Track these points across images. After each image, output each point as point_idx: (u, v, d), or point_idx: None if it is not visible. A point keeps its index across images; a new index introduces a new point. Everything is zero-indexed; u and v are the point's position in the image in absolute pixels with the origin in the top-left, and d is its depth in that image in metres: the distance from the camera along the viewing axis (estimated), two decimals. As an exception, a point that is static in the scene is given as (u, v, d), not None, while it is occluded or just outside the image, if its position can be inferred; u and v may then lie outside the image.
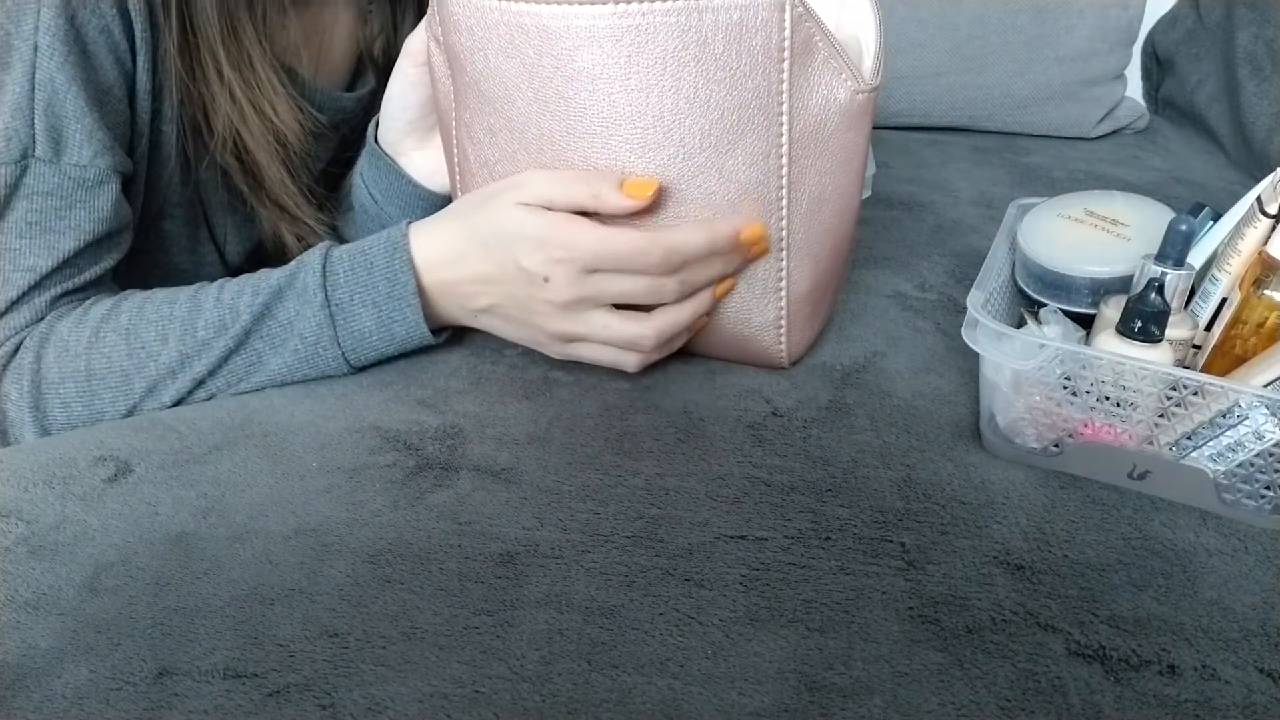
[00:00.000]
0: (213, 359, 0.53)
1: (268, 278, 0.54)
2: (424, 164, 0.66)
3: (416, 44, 0.59)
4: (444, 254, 0.53)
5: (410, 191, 0.67)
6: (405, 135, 0.65)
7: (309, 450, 0.50)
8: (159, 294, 0.55)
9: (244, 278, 0.55)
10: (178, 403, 0.54)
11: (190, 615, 0.39)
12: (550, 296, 0.51)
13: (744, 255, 0.52)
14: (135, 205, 0.60)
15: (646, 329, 0.53)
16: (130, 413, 0.54)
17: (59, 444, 0.51)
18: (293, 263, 0.54)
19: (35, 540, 0.44)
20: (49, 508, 0.46)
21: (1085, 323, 0.54)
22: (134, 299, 0.55)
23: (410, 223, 0.54)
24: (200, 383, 0.54)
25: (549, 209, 0.50)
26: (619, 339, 0.53)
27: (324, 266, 0.53)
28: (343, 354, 0.54)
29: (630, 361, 0.55)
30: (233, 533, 0.44)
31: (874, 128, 0.57)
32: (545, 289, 0.51)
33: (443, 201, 0.64)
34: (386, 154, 0.67)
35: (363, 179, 0.69)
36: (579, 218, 0.50)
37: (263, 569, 0.42)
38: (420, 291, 0.54)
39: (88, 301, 0.55)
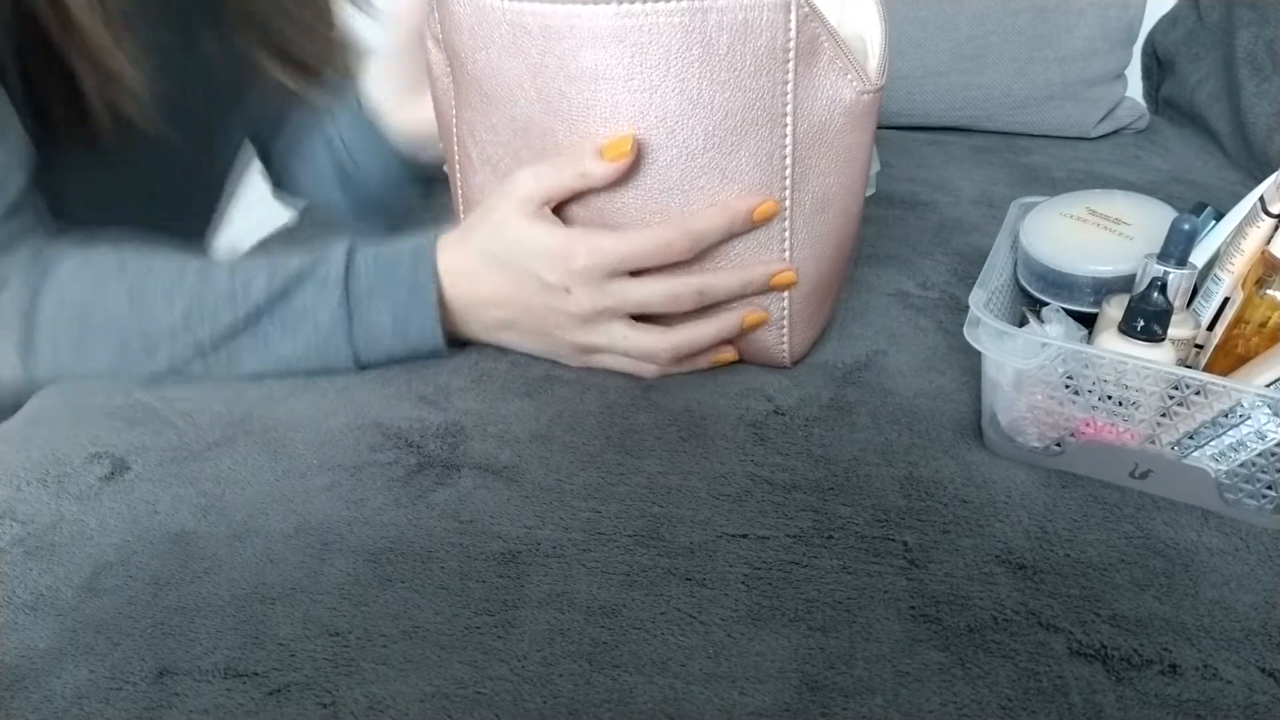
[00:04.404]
0: (218, 330, 0.52)
1: (286, 263, 0.54)
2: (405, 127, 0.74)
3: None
4: (464, 272, 0.54)
5: (389, 150, 0.74)
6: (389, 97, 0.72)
7: (309, 447, 0.50)
8: (164, 257, 0.54)
9: (260, 258, 0.55)
10: (173, 370, 0.53)
11: (190, 615, 0.39)
12: (571, 309, 0.52)
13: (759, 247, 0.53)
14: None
15: (663, 343, 0.54)
16: (122, 371, 0.53)
17: (50, 440, 0.50)
18: (314, 253, 0.55)
19: (31, 541, 0.43)
20: (44, 507, 0.46)
21: (1087, 322, 0.54)
22: (141, 258, 0.54)
23: (439, 235, 0.55)
24: (200, 353, 0.53)
25: (549, 206, 0.51)
26: (637, 351, 0.54)
27: (348, 261, 0.53)
28: (353, 350, 0.54)
29: (648, 372, 0.56)
30: (233, 531, 0.44)
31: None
32: (566, 301, 0.51)
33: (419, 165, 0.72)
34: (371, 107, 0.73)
35: (342, 141, 0.75)
36: (595, 228, 0.51)
37: (263, 568, 0.42)
38: (441, 303, 0.54)
39: (91, 249, 0.54)
